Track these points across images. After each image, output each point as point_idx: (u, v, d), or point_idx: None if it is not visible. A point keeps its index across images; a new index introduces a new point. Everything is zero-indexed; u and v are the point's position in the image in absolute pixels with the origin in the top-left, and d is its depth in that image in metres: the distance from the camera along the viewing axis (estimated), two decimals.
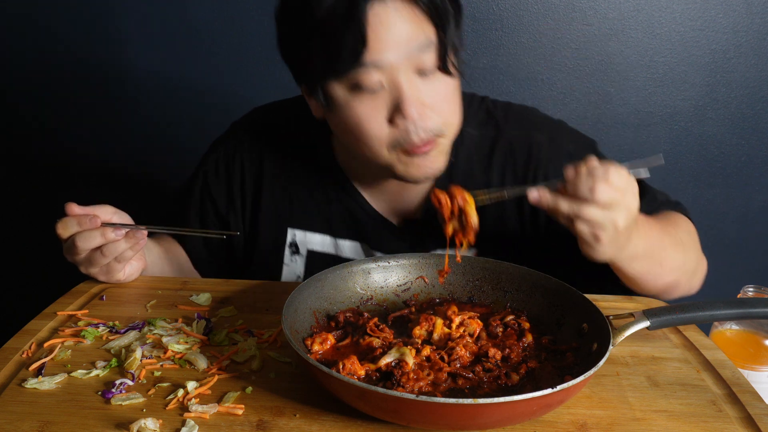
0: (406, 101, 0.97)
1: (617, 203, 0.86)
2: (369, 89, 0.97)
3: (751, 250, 2.03)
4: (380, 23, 0.93)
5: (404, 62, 0.96)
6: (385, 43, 0.94)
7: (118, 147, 2.00)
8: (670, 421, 0.78)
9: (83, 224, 1.01)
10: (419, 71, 0.98)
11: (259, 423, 0.76)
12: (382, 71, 0.96)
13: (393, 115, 0.99)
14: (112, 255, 1.04)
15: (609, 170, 0.86)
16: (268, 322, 0.99)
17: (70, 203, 1.02)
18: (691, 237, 1.11)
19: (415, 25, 0.95)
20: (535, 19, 1.83)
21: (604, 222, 0.87)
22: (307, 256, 1.22)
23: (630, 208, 0.88)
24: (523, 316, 0.95)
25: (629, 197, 0.88)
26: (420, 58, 0.96)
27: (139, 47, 1.89)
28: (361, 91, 0.98)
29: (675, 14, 1.83)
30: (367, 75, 0.96)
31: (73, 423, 0.75)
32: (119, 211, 1.06)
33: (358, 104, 0.99)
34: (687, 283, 1.10)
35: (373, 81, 0.96)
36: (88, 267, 1.06)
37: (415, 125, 0.98)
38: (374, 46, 0.93)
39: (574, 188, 0.87)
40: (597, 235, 0.89)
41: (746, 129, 1.93)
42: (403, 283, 1.04)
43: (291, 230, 1.22)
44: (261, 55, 1.86)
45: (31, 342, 0.92)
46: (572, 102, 1.91)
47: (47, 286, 1.22)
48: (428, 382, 0.80)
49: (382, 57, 0.95)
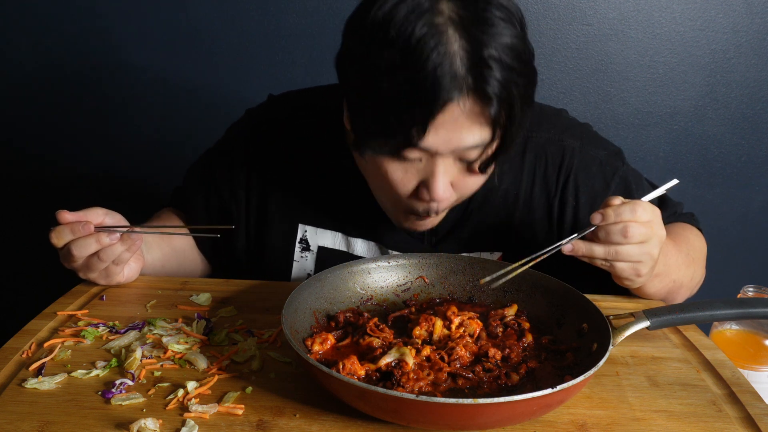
0: (435, 184, 0.94)
1: (649, 237, 0.90)
2: (406, 159, 0.94)
3: (751, 250, 2.03)
4: (445, 119, 0.87)
5: (452, 153, 0.92)
6: (441, 136, 0.89)
7: (117, 146, 2.00)
8: (670, 421, 0.78)
9: (76, 232, 0.99)
10: (460, 159, 0.95)
11: (259, 423, 0.76)
12: (425, 152, 0.92)
13: (419, 187, 0.97)
14: (109, 259, 1.03)
15: (636, 208, 0.89)
16: (268, 322, 0.99)
17: (60, 211, 1.00)
18: (702, 253, 1.16)
19: (476, 128, 0.89)
20: (535, 19, 1.83)
21: (642, 257, 0.92)
22: (317, 253, 1.20)
23: (661, 237, 0.92)
24: (523, 316, 0.95)
25: (657, 227, 0.92)
26: (467, 152, 0.93)
27: (135, 47, 1.89)
28: (399, 158, 0.94)
29: (675, 14, 1.83)
30: (409, 151, 0.92)
31: (73, 423, 0.75)
32: (111, 212, 1.04)
33: (390, 166, 0.96)
34: (688, 293, 1.15)
35: (413, 155, 0.93)
36: (87, 272, 1.06)
37: (437, 204, 0.98)
38: (430, 136, 0.88)
39: (607, 234, 0.89)
40: (637, 270, 0.94)
41: (746, 129, 1.93)
42: (403, 283, 1.04)
43: (302, 226, 1.20)
44: (260, 55, 1.86)
45: (31, 342, 0.92)
46: (572, 102, 1.90)
47: (47, 286, 1.22)
48: (428, 382, 0.80)
49: (431, 146, 0.90)
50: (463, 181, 0.98)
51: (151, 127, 1.97)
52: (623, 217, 0.88)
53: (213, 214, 1.25)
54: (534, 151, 1.15)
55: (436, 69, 0.83)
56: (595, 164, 1.15)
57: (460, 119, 0.88)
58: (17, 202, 2.07)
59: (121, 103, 1.95)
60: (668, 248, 1.03)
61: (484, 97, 0.86)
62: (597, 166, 1.15)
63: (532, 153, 1.14)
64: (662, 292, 1.08)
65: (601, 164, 1.16)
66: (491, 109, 0.87)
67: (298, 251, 1.20)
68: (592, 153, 1.16)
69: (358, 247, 1.19)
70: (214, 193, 1.24)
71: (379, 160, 0.96)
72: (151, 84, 1.92)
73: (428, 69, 0.83)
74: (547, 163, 1.14)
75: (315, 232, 1.20)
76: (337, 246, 1.19)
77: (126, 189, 1.99)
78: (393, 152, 0.92)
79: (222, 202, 1.23)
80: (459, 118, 0.87)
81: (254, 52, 1.86)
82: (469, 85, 0.85)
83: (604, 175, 1.15)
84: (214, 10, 1.84)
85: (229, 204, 1.23)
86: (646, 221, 0.89)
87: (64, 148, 2.01)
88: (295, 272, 1.22)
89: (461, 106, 0.86)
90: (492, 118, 0.88)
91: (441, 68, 0.83)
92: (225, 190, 1.22)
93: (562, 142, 1.15)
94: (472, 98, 0.86)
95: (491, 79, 0.85)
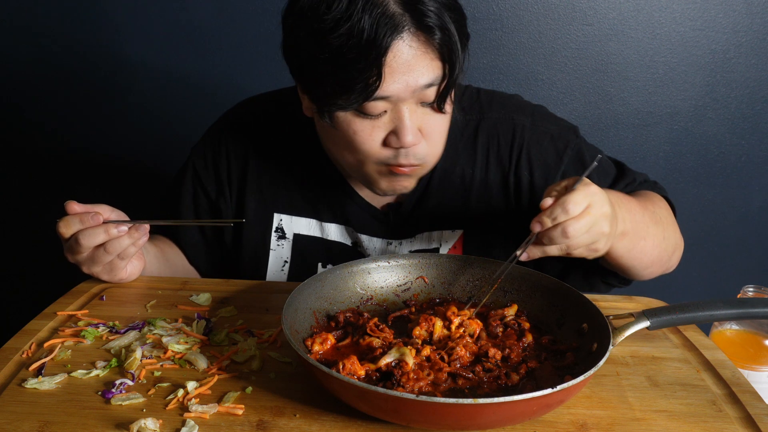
0: (404, 129, 0.99)
1: (592, 223, 0.90)
2: (372, 115, 0.99)
3: (751, 250, 2.03)
4: (397, 61, 0.94)
5: (412, 95, 0.98)
6: (397, 80, 0.95)
7: (116, 143, 2.00)
8: (670, 421, 0.78)
9: (85, 222, 1.01)
10: (421, 103, 1.00)
11: (259, 423, 0.76)
12: (388, 101, 0.98)
13: (388, 138, 1.01)
14: (115, 251, 1.04)
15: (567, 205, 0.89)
16: (268, 322, 0.99)
17: (70, 201, 1.02)
18: (669, 214, 1.14)
19: (426, 63, 0.96)
20: (535, 19, 1.83)
21: (593, 239, 0.92)
22: (293, 240, 1.23)
23: (605, 214, 0.92)
24: (523, 316, 0.95)
25: (597, 208, 0.91)
26: (425, 93, 0.98)
27: (135, 41, 1.88)
28: (363, 115, 0.99)
29: (675, 14, 1.83)
30: (373, 105, 0.97)
31: (73, 423, 0.75)
32: (116, 210, 1.06)
33: (358, 125, 1.00)
34: (667, 260, 1.13)
35: (378, 109, 0.98)
36: (91, 266, 1.06)
37: (407, 151, 1.02)
38: (388, 81, 0.95)
39: (550, 239, 0.91)
40: (594, 249, 0.95)
41: (746, 129, 1.93)
42: (403, 283, 1.04)
43: (277, 215, 1.24)
44: (258, 48, 1.85)
45: (31, 342, 0.92)
46: (572, 102, 1.91)
47: (47, 286, 1.22)
48: (428, 382, 0.80)
49: (392, 92, 0.96)
50: (428, 124, 1.02)
51: (148, 121, 1.97)
52: (559, 219, 0.89)
53: (203, 216, 1.28)
54: (486, 131, 1.19)
55: (375, 14, 0.91)
56: (547, 139, 1.19)
57: (410, 59, 0.95)
58: (17, 202, 2.07)
59: (117, 97, 1.95)
60: (632, 208, 1.03)
61: (425, 30, 0.94)
62: (548, 141, 1.19)
63: (484, 133, 1.19)
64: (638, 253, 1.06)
65: (553, 138, 1.19)
66: (435, 40, 0.95)
67: (275, 240, 1.24)
68: (543, 128, 1.19)
69: (331, 231, 1.23)
70: (201, 194, 1.27)
71: (347, 122, 1.01)
72: (147, 78, 1.92)
73: (368, 16, 0.91)
74: (500, 141, 1.19)
75: (290, 220, 1.23)
76: (312, 232, 1.23)
77: (126, 185, 1.99)
78: (357, 105, 0.97)
79: (210, 201, 1.27)
80: (409, 57, 0.94)
81: (252, 45, 1.86)
82: (409, 21, 0.93)
83: (556, 148, 1.19)
84: (212, 4, 1.84)
85: (217, 201, 1.26)
86: (582, 212, 0.90)
87: (63, 146, 2.01)
88: (272, 260, 1.25)
89: (407, 43, 0.94)
90: (438, 50, 0.96)
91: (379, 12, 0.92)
92: (211, 189, 1.26)
93: (513, 120, 1.19)
94: (415, 34, 0.94)
95: (428, 11, 0.94)
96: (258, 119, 1.26)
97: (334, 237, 1.23)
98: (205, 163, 1.26)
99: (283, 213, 1.23)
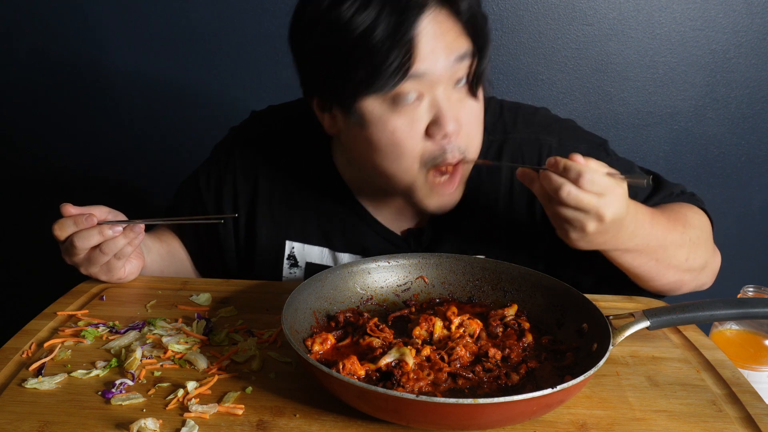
0: (445, 114, 0.97)
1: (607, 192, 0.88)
2: (407, 101, 0.96)
3: (751, 250, 2.03)
4: (427, 36, 0.93)
5: (445, 74, 0.96)
6: (429, 55, 0.94)
7: (118, 149, 2.00)
8: (670, 421, 0.78)
9: (80, 224, 1.01)
10: (455, 83, 0.98)
11: (259, 423, 0.76)
12: (422, 83, 0.95)
13: (430, 130, 0.98)
14: (111, 252, 1.03)
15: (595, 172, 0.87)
16: (268, 322, 0.99)
17: (65, 204, 1.02)
18: (702, 233, 1.09)
19: (454, 36, 0.96)
20: (535, 19, 1.83)
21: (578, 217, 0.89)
22: (305, 269, 1.21)
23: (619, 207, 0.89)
24: (523, 316, 0.95)
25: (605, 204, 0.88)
26: (457, 69, 0.97)
27: (134, 51, 1.89)
28: (399, 104, 0.97)
29: (675, 14, 1.83)
30: (407, 86, 0.95)
31: (73, 423, 0.75)
32: (114, 211, 1.06)
33: (396, 117, 0.97)
34: (693, 281, 1.09)
35: (412, 93, 0.96)
36: (88, 267, 1.06)
37: (451, 141, 0.99)
38: (419, 57, 0.93)
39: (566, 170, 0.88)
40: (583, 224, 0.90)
41: (746, 129, 1.92)
42: (403, 283, 1.04)
43: (289, 243, 1.21)
44: (257, 56, 1.85)
45: (31, 342, 0.92)
46: (572, 102, 1.90)
47: (47, 286, 1.22)
48: (428, 382, 0.80)
49: (425, 69, 0.94)
50: (465, 112, 1.00)
51: (152, 130, 1.97)
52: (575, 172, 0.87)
53: (203, 232, 1.26)
54: (510, 152, 1.14)
55: None
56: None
57: (438, 33, 0.94)
58: (17, 202, 2.07)
59: (114, 105, 1.95)
60: (654, 226, 0.99)
61: (449, 4, 0.95)
62: None
63: (508, 154, 1.14)
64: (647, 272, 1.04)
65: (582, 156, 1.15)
66: (459, 14, 0.96)
67: (287, 267, 1.21)
68: (570, 148, 1.12)
69: (344, 261, 1.19)
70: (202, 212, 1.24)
71: (383, 121, 0.97)
72: (150, 87, 1.92)
73: None
74: (524, 162, 1.13)
75: (302, 248, 1.20)
76: (324, 261, 1.20)
77: (126, 191, 1.99)
78: (391, 88, 0.94)
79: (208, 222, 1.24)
80: (437, 31, 0.94)
81: (250, 52, 1.85)
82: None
83: None
84: (209, 11, 1.84)
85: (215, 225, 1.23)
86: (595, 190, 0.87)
87: (65, 149, 2.01)
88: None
89: (433, 18, 0.94)
90: (463, 25, 0.97)
91: None
92: (213, 209, 1.23)
93: (539, 141, 1.14)
94: (439, 9, 0.95)
95: None
96: (267, 136, 1.23)
97: None
98: (209, 182, 1.24)
99: (296, 241, 1.20)
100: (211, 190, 1.24)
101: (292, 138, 1.21)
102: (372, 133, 0.99)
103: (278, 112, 1.27)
